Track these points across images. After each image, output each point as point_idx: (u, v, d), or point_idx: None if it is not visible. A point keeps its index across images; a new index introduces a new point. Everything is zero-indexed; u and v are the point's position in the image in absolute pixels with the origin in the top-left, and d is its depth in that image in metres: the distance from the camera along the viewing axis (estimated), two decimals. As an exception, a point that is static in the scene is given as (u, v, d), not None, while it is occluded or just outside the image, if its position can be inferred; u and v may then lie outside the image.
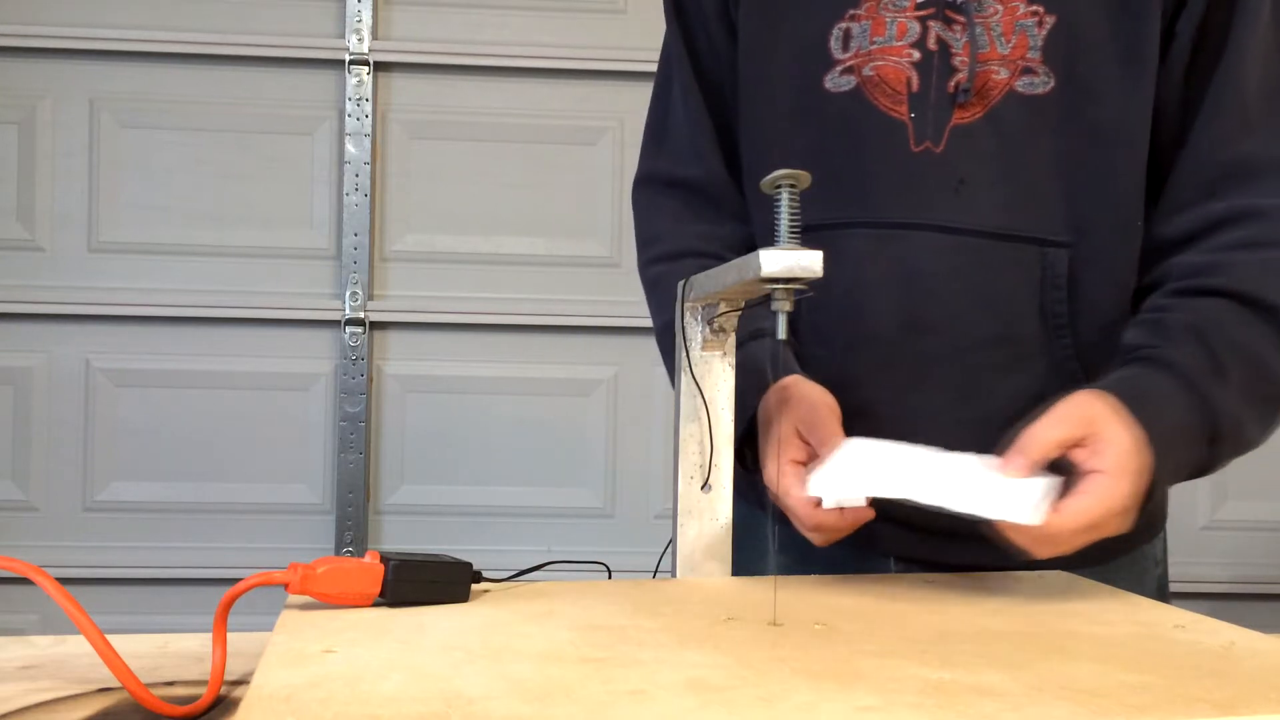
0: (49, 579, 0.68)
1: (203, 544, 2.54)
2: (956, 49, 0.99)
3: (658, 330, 1.13)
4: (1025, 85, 0.98)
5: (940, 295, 1.00)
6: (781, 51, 1.06)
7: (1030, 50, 0.98)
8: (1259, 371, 0.93)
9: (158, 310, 2.51)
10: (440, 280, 2.58)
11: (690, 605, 0.80)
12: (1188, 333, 0.93)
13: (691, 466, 0.92)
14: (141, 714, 0.66)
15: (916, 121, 1.00)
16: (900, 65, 1.01)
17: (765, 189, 0.77)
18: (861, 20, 1.02)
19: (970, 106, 0.99)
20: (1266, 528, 2.66)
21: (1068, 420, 0.84)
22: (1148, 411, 0.86)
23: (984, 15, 0.99)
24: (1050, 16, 0.97)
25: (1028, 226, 0.99)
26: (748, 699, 0.57)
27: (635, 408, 2.59)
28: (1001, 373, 1.00)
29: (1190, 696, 0.60)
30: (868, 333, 1.02)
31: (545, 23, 2.57)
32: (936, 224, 1.00)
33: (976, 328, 1.00)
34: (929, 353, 1.01)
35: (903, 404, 1.01)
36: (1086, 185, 0.99)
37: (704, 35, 1.12)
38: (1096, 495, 0.81)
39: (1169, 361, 0.91)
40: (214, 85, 2.53)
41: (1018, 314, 1.00)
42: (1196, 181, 0.99)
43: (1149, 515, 1.10)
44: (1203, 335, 0.93)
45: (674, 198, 1.15)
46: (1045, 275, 0.99)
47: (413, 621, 0.73)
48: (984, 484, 0.79)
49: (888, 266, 1.01)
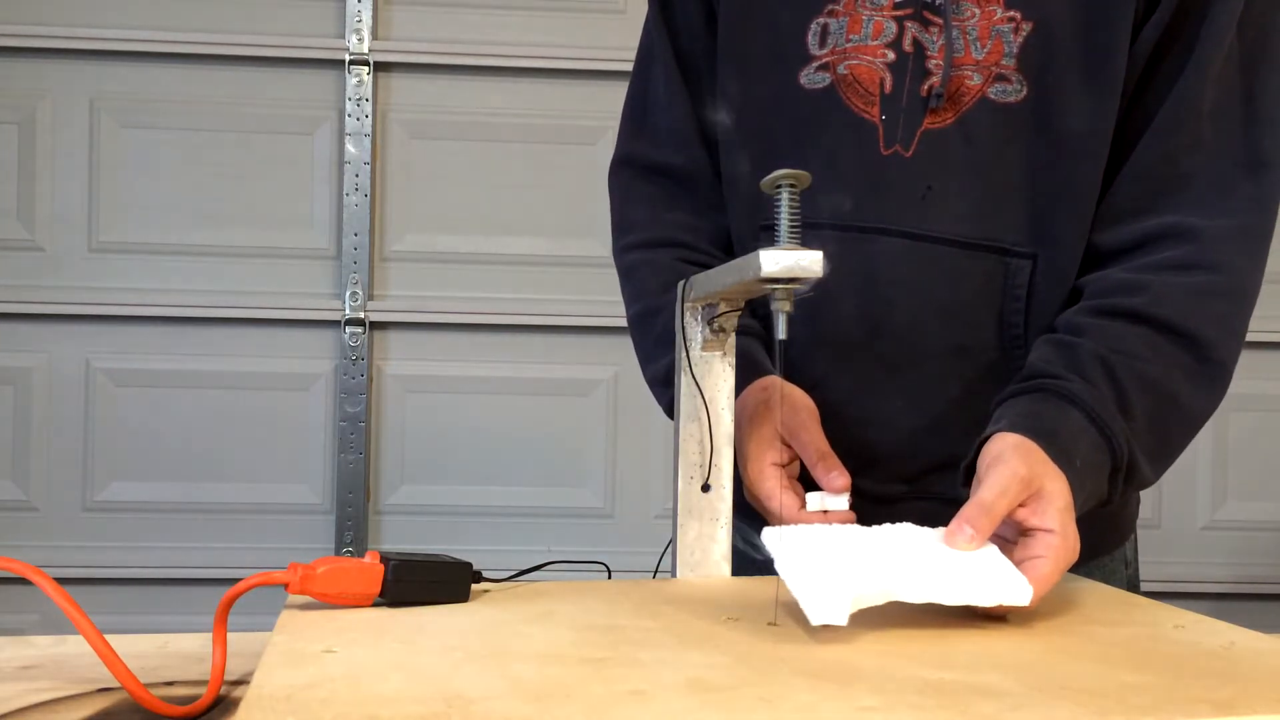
0: (48, 579, 0.68)
1: (203, 544, 2.54)
2: (932, 51, 0.98)
3: (630, 317, 1.12)
4: (997, 93, 0.96)
5: (901, 302, 0.99)
6: (758, 43, 1.04)
7: (1005, 57, 0.96)
8: (1165, 404, 0.92)
9: (158, 310, 2.51)
10: (440, 280, 2.58)
11: (690, 605, 0.80)
12: (1096, 365, 0.91)
13: (691, 466, 0.92)
14: (141, 714, 0.66)
15: (887, 124, 0.99)
16: (874, 65, 0.99)
17: (765, 189, 0.77)
18: (839, 16, 1.00)
19: (942, 112, 0.97)
20: (1266, 528, 2.66)
21: (1011, 485, 0.80)
22: (1062, 448, 0.84)
23: (961, 19, 0.97)
24: (1027, 23, 0.96)
25: (992, 236, 0.98)
26: (748, 699, 0.57)
27: (635, 408, 2.59)
28: (957, 380, 1.00)
29: (1190, 696, 0.60)
30: (828, 334, 1.01)
31: (545, 23, 2.57)
32: (901, 230, 0.98)
33: (935, 335, 0.99)
34: (887, 357, 1.00)
35: (860, 406, 1.00)
36: (1050, 196, 0.97)
37: (684, 18, 1.11)
38: (1054, 558, 0.78)
39: (1074, 396, 0.89)
40: (214, 85, 2.53)
41: (976, 322, 0.99)
42: (1139, 193, 0.97)
43: (1120, 522, 1.11)
44: (1111, 369, 0.91)
45: (652, 183, 1.13)
46: (1006, 285, 0.98)
47: (413, 621, 0.73)
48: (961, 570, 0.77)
49: (851, 270, 0.99)
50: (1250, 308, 0.97)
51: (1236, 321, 0.96)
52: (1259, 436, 2.66)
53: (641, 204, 1.14)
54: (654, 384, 1.09)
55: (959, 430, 0.97)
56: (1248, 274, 0.96)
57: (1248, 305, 0.97)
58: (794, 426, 0.94)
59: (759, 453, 0.94)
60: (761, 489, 0.93)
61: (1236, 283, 0.95)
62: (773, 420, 0.94)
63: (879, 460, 1.01)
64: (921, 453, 1.01)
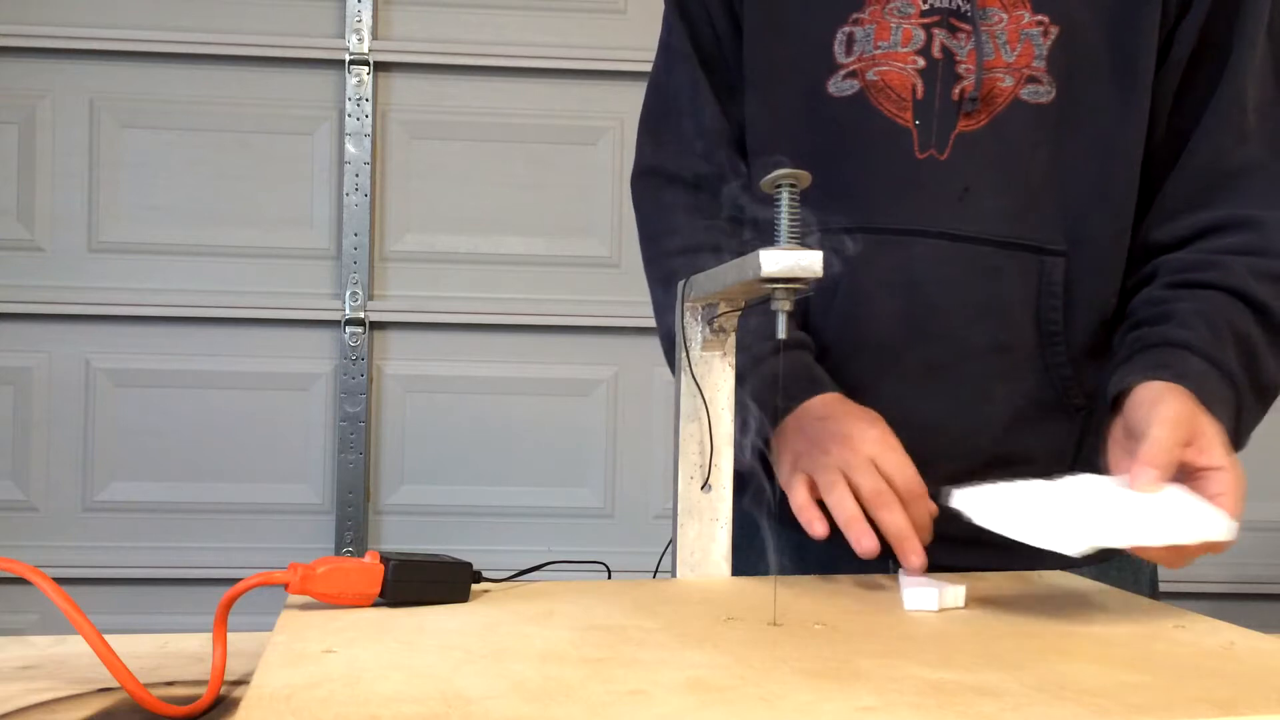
0: (46, 580, 0.68)
1: (203, 544, 2.54)
2: (961, 56, 0.99)
3: (664, 330, 1.09)
4: (1030, 94, 0.99)
5: (941, 303, 1.00)
6: (784, 52, 1.05)
7: (1036, 59, 0.98)
8: (1253, 361, 0.94)
9: (158, 310, 2.51)
10: (440, 280, 2.58)
11: (690, 605, 0.80)
12: (1195, 317, 0.94)
13: (691, 466, 0.92)
14: (141, 714, 0.66)
15: (921, 128, 1.00)
16: (905, 71, 1.01)
17: (765, 189, 0.77)
18: (865, 24, 1.02)
19: (975, 115, 0.99)
20: (1266, 528, 2.66)
21: (1180, 425, 0.83)
22: (1204, 392, 0.88)
23: (989, 24, 0.99)
24: (1054, 27, 0.98)
25: (1027, 235, 1.00)
26: (748, 699, 0.57)
27: (635, 408, 2.59)
28: (997, 379, 1.01)
29: (1190, 696, 0.60)
30: (868, 339, 1.02)
31: (545, 23, 2.57)
32: (939, 231, 1.00)
33: (975, 335, 1.01)
34: (929, 360, 1.01)
35: (903, 409, 1.00)
36: (1084, 195, 0.99)
37: (708, 29, 1.11)
38: (1233, 493, 0.82)
39: (1188, 343, 0.92)
40: (214, 85, 2.53)
41: (1015, 322, 1.01)
42: (1192, 190, 1.00)
43: None
44: (1209, 319, 0.94)
45: (682, 194, 1.13)
46: (1042, 284, 1.00)
47: (413, 621, 0.73)
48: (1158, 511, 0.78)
49: (888, 273, 1.01)
50: None
51: None
52: (1259, 436, 2.63)
53: (677, 211, 1.13)
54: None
55: (1000, 428, 1.00)
56: None
57: None
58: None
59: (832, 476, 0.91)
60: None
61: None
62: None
63: (924, 462, 1.01)
64: (965, 453, 1.02)
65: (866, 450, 0.91)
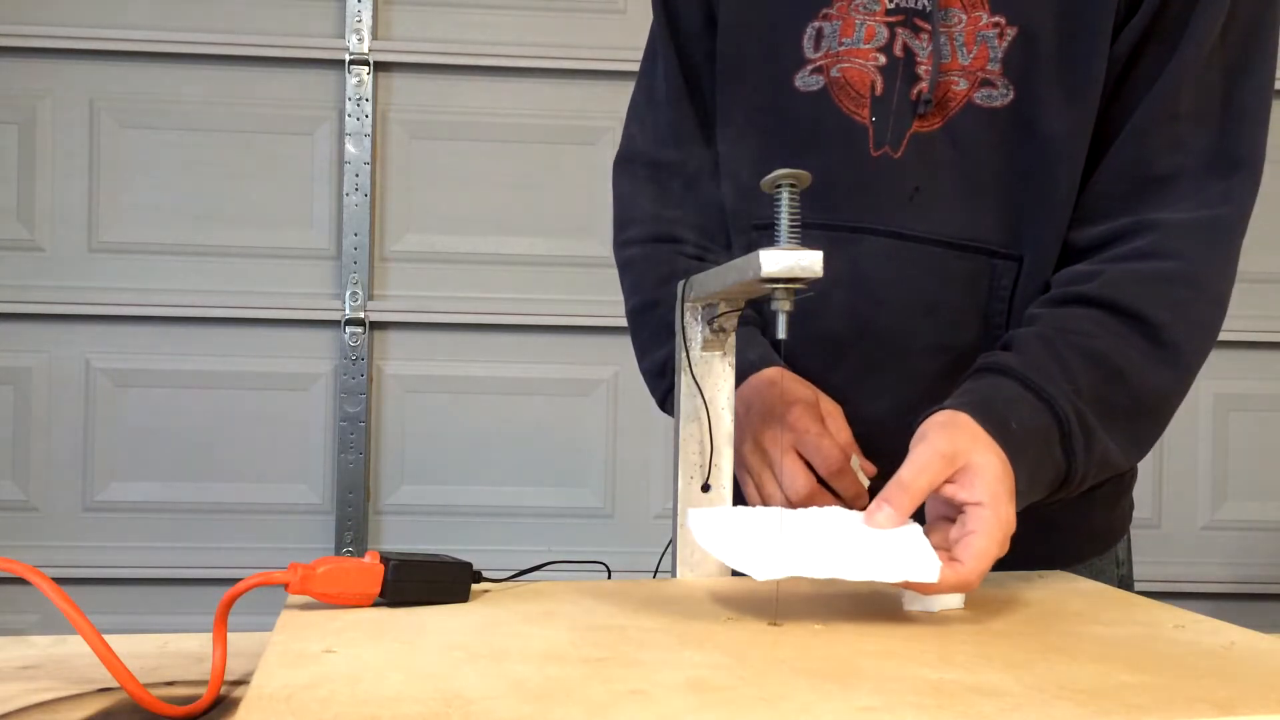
0: (46, 580, 0.68)
1: (203, 544, 2.54)
2: (921, 57, 0.99)
3: (628, 311, 1.14)
4: (983, 98, 0.98)
5: (888, 301, 1.00)
6: (755, 45, 1.06)
7: (990, 62, 0.97)
8: (1113, 378, 0.91)
9: (158, 310, 2.51)
10: (440, 280, 2.58)
11: (690, 605, 0.80)
12: (1032, 341, 0.92)
13: (691, 466, 0.92)
14: (141, 714, 0.66)
15: (877, 126, 1.00)
16: (865, 68, 1.01)
17: (765, 188, 0.77)
18: (833, 19, 1.02)
19: (930, 117, 0.99)
20: (1266, 528, 2.66)
21: (932, 462, 0.80)
22: (994, 417, 0.84)
23: (948, 25, 0.98)
24: (1011, 28, 0.97)
25: (978, 237, 0.99)
26: (748, 699, 0.57)
27: (635, 408, 2.59)
28: (941, 379, 1.00)
29: (1190, 696, 0.60)
30: (818, 332, 1.02)
31: (545, 23, 2.57)
32: (889, 230, 1.00)
33: (920, 334, 1.01)
34: (873, 357, 1.02)
35: (849, 402, 1.01)
36: (1030, 199, 0.98)
37: (685, 21, 1.12)
38: (987, 532, 0.78)
39: (1006, 366, 0.90)
40: (214, 85, 2.53)
41: (960, 322, 1.00)
42: (1114, 193, 0.97)
43: (1112, 522, 1.11)
44: (1048, 341, 0.91)
45: (653, 180, 1.15)
46: (991, 286, 1.00)
47: (413, 621, 0.73)
48: (870, 547, 0.77)
49: (839, 269, 0.99)
50: (1214, 297, 0.96)
51: (1196, 310, 0.95)
52: (1259, 436, 2.65)
53: (642, 200, 1.15)
54: (649, 375, 1.11)
55: None
56: (1206, 262, 0.95)
57: (1208, 293, 0.96)
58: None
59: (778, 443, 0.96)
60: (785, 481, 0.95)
61: (1193, 270, 0.94)
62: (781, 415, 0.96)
63: (869, 455, 1.01)
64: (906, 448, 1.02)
65: (785, 442, 0.95)
